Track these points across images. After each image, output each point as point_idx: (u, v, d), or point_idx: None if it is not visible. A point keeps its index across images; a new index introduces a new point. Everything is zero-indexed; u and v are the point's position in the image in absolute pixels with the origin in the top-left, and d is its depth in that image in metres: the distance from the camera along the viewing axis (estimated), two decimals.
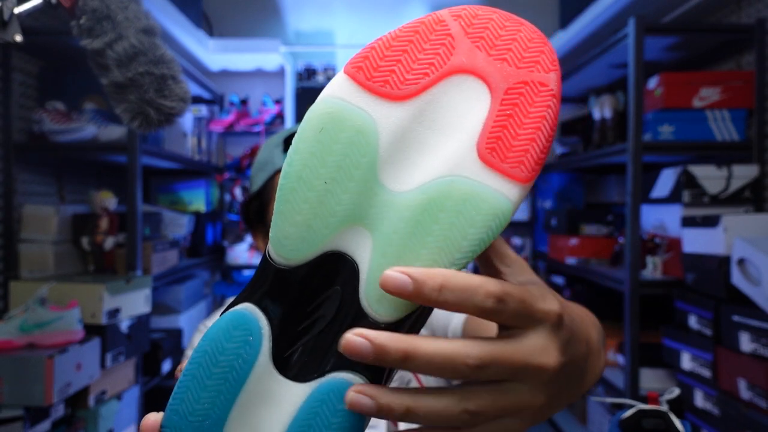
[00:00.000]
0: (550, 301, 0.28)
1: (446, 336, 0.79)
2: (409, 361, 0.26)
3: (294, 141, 0.28)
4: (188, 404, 0.28)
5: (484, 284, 0.26)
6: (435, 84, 0.28)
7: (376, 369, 0.28)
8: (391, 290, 0.25)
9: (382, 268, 0.27)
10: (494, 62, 0.28)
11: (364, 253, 0.28)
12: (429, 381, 0.87)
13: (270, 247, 0.28)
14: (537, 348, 0.27)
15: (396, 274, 0.25)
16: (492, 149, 0.27)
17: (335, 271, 0.28)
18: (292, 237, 0.28)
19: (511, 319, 0.27)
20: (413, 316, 0.28)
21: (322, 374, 0.28)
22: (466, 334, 0.74)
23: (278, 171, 0.82)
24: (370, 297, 0.27)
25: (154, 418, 0.29)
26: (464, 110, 0.28)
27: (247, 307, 0.28)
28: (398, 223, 0.27)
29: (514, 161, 0.27)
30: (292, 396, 0.28)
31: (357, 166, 0.28)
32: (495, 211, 0.27)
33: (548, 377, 0.27)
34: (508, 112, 0.27)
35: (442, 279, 0.25)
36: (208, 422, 0.27)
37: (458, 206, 0.27)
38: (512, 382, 0.27)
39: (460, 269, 0.27)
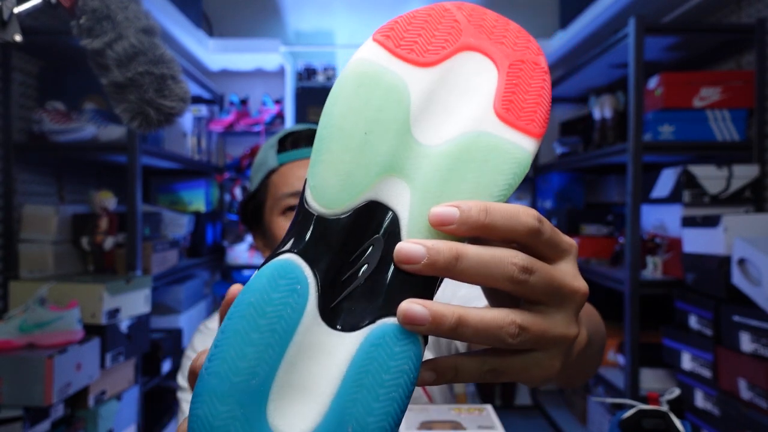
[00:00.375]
0: (579, 280, 0.31)
1: (451, 342, 0.80)
2: (461, 327, 0.27)
3: (331, 95, 0.30)
4: (232, 363, 0.26)
5: (522, 214, 0.28)
6: (452, 56, 0.32)
7: None
8: (440, 220, 0.28)
9: (423, 215, 0.29)
10: (496, 44, 0.33)
11: (403, 202, 0.30)
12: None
13: (310, 195, 0.29)
14: (565, 321, 0.30)
15: (443, 207, 0.28)
16: (507, 109, 0.31)
17: (376, 220, 0.30)
18: (335, 185, 0.29)
19: (537, 291, 0.29)
20: None
21: (372, 321, 0.28)
22: None
23: (272, 171, 0.82)
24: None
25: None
26: (478, 79, 0.32)
27: (291, 257, 0.28)
28: (433, 173, 0.30)
29: (527, 119, 0.31)
30: (343, 346, 0.28)
31: (393, 120, 0.30)
32: (517, 160, 0.30)
33: (568, 345, 0.30)
34: (514, 82, 0.32)
35: (484, 206, 0.28)
36: (255, 381, 0.26)
37: (486, 156, 0.30)
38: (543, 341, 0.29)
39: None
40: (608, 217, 2.28)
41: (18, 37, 0.55)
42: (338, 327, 0.28)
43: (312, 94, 2.80)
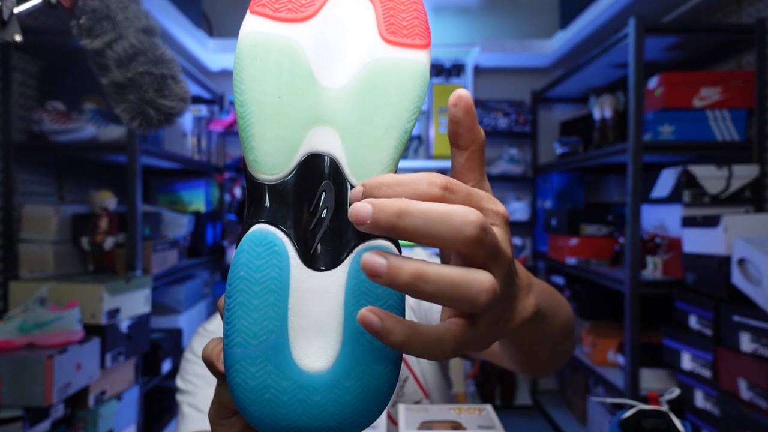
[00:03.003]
0: (499, 205, 0.31)
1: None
2: (419, 282, 0.25)
3: (234, 76, 0.32)
4: (245, 332, 0.30)
5: (458, 217, 0.26)
6: (326, 3, 0.34)
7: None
8: (355, 218, 0.26)
9: (355, 150, 0.32)
10: None
11: (335, 146, 0.32)
12: (429, 380, 0.87)
13: (253, 168, 0.31)
14: (509, 280, 0.29)
15: (358, 204, 0.26)
16: (392, 32, 0.33)
17: (319, 168, 0.32)
18: (270, 152, 0.31)
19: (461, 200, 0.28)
20: None
21: (349, 253, 0.31)
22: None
23: None
24: (357, 175, 0.32)
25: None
26: (356, 15, 0.34)
27: (260, 227, 0.31)
28: (350, 110, 0.32)
29: (411, 35, 0.33)
30: (334, 281, 0.31)
31: (297, 76, 0.32)
32: (417, 73, 0.32)
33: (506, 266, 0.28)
34: (389, 5, 0.34)
35: (399, 208, 0.26)
36: (273, 337, 0.30)
37: (387, 79, 0.32)
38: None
39: (413, 126, 0.33)
40: (608, 217, 2.28)
41: (18, 37, 0.55)
42: (323, 268, 0.31)
43: None
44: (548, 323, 0.47)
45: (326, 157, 0.32)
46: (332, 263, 0.31)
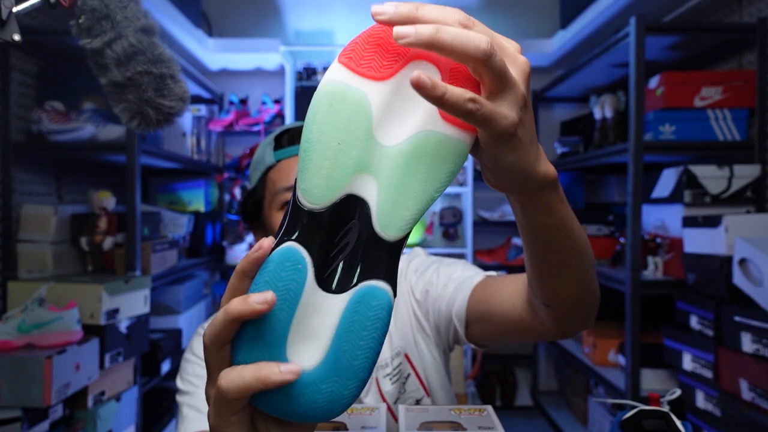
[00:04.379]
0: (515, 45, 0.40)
1: (450, 320, 0.80)
2: (438, 35, 0.33)
3: (309, 113, 0.37)
4: (257, 325, 0.37)
5: (473, 36, 0.34)
6: (404, 67, 0.38)
7: (394, 278, 0.39)
8: (398, 34, 0.33)
9: (387, 202, 0.38)
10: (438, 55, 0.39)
11: (371, 193, 0.38)
12: (430, 378, 0.87)
13: (300, 195, 0.37)
14: (509, 106, 0.37)
15: (401, 28, 0.34)
16: None
17: (352, 209, 0.38)
18: (319, 186, 0.37)
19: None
20: (409, 235, 0.40)
21: (355, 285, 0.38)
22: (471, 307, 0.76)
23: (270, 168, 0.84)
24: (381, 224, 0.38)
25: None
26: None
27: (291, 245, 0.37)
28: (393, 168, 0.38)
29: None
30: (335, 304, 0.38)
31: (359, 129, 0.37)
32: (460, 152, 0.38)
33: (522, 100, 0.37)
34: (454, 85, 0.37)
35: (435, 27, 0.34)
36: (275, 335, 0.37)
37: (434, 151, 0.38)
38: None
39: (441, 194, 0.39)
40: (609, 217, 2.28)
41: (17, 37, 0.55)
42: (331, 290, 0.38)
43: (311, 94, 2.78)
44: (568, 210, 0.49)
45: (362, 200, 0.38)
46: (340, 289, 0.38)
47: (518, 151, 0.38)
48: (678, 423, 0.68)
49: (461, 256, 2.82)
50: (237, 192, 2.74)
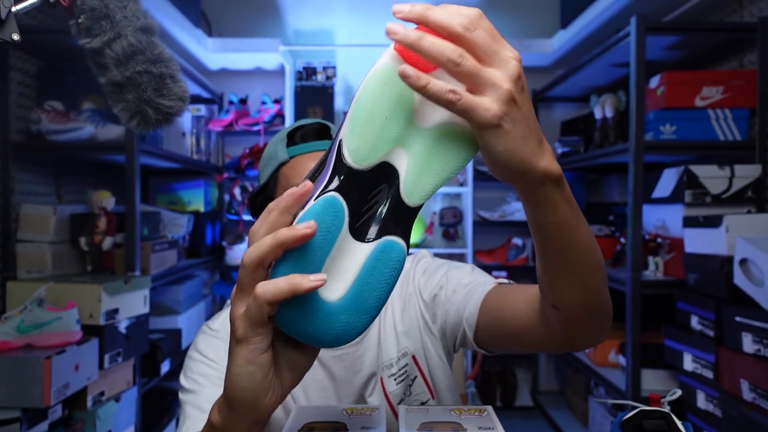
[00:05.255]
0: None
1: (459, 325, 0.80)
2: (419, 42, 0.40)
3: (365, 86, 0.43)
4: (298, 254, 0.43)
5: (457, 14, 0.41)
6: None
7: (409, 236, 0.46)
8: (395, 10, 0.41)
9: (413, 174, 0.45)
10: None
11: (403, 163, 0.45)
12: (437, 380, 0.86)
13: (347, 154, 0.44)
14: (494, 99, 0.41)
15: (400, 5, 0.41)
16: None
17: (386, 174, 0.45)
18: (364, 150, 0.44)
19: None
20: (423, 204, 0.47)
21: (378, 237, 0.45)
22: (483, 313, 0.76)
23: (283, 164, 0.83)
24: (406, 191, 0.45)
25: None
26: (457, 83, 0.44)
27: (334, 194, 0.43)
28: (423, 145, 0.45)
29: None
30: (362, 250, 0.45)
31: (404, 108, 0.44)
32: (475, 142, 0.45)
33: (506, 96, 0.41)
34: None
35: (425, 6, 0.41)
36: (311, 268, 0.43)
37: (456, 138, 0.45)
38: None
39: (456, 174, 0.47)
40: (609, 217, 2.28)
41: (16, 37, 0.55)
42: (360, 239, 0.45)
43: (311, 94, 2.79)
44: (574, 210, 0.50)
45: (394, 168, 0.45)
46: (366, 239, 0.45)
47: (508, 143, 0.42)
48: (679, 423, 0.68)
49: (461, 256, 2.82)
50: (237, 192, 2.74)
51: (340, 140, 0.44)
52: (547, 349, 0.68)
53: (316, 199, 0.44)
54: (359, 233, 0.45)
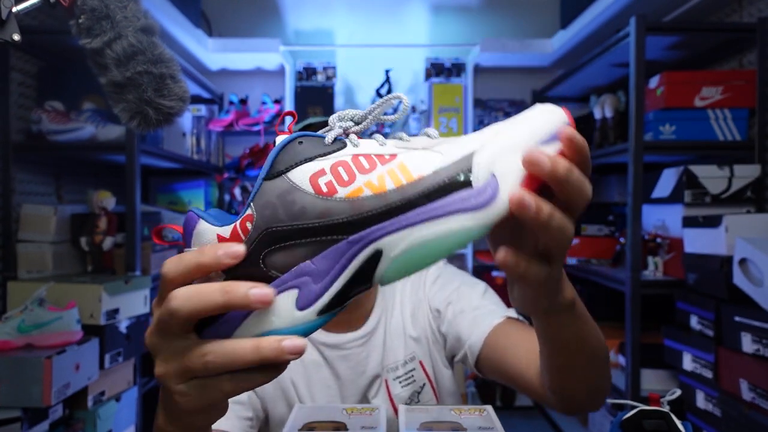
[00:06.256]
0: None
1: (462, 348, 0.82)
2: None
3: (434, 238, 0.34)
4: None
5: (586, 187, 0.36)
6: None
7: None
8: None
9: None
10: None
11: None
12: (443, 388, 0.87)
13: (382, 277, 0.36)
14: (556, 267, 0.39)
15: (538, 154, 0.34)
16: None
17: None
18: (399, 278, 0.38)
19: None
20: None
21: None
22: (486, 348, 0.77)
23: None
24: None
25: None
26: None
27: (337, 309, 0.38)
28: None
29: None
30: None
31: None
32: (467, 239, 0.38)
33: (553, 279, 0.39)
34: None
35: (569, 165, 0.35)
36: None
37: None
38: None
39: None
40: (609, 217, 2.28)
41: (16, 37, 0.55)
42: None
43: (312, 94, 2.79)
44: (583, 322, 0.49)
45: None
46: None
47: (556, 272, 0.39)
48: (678, 423, 0.68)
49: (461, 257, 2.82)
50: (237, 192, 2.74)
51: (380, 251, 0.34)
52: (541, 403, 0.68)
53: (321, 314, 0.34)
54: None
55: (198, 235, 0.37)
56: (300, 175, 0.36)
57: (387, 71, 2.82)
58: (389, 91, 2.82)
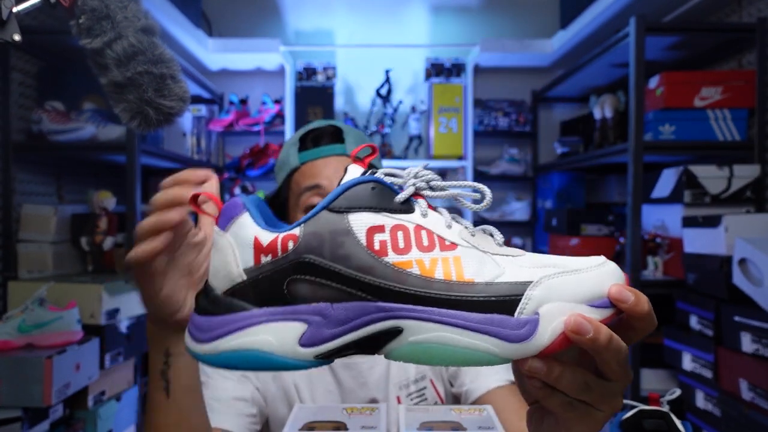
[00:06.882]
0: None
1: (459, 389, 0.84)
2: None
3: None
4: None
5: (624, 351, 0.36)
6: None
7: None
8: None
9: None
10: None
11: None
12: (446, 386, 0.88)
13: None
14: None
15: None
16: None
17: None
18: None
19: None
20: None
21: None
22: (485, 401, 0.79)
23: (294, 170, 0.82)
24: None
25: None
26: None
27: None
28: None
29: None
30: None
31: None
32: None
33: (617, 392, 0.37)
34: None
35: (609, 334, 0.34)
36: None
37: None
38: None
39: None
40: (609, 217, 2.28)
41: (17, 37, 0.55)
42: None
43: (312, 94, 2.79)
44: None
45: None
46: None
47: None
48: (678, 423, 0.68)
49: None
50: (237, 192, 2.74)
51: (401, 329, 0.34)
52: None
53: (318, 357, 0.34)
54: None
55: (238, 225, 0.36)
56: (359, 222, 0.35)
57: (387, 71, 2.82)
58: (389, 91, 2.82)
